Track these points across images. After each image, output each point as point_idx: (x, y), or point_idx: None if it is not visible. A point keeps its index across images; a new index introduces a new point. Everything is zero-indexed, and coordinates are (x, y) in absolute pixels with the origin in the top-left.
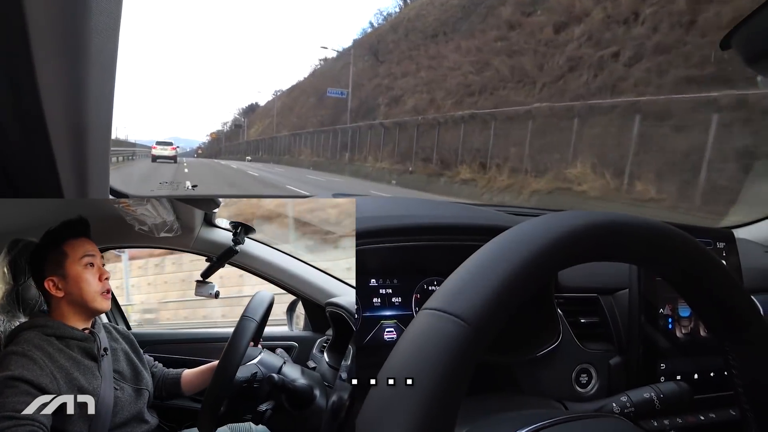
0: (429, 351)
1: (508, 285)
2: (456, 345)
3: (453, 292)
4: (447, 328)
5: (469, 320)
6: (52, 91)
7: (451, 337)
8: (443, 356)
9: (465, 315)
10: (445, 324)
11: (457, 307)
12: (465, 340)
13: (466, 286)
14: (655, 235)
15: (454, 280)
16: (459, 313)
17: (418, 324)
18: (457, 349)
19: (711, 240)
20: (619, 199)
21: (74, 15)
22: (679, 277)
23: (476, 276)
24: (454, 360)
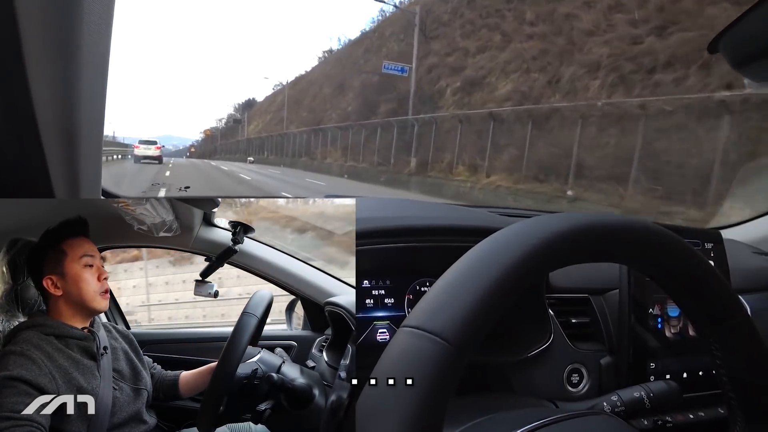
0: (409, 372)
1: (490, 298)
2: (437, 365)
3: (432, 309)
4: (427, 348)
5: (450, 339)
6: (43, 90)
7: (432, 358)
8: (424, 378)
9: (445, 334)
10: (425, 344)
11: (437, 325)
12: (446, 359)
13: (445, 301)
14: (643, 235)
15: (433, 294)
16: (439, 331)
17: (398, 343)
18: (438, 370)
19: (699, 241)
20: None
21: (66, 15)
22: (667, 276)
23: (456, 290)
24: (435, 381)
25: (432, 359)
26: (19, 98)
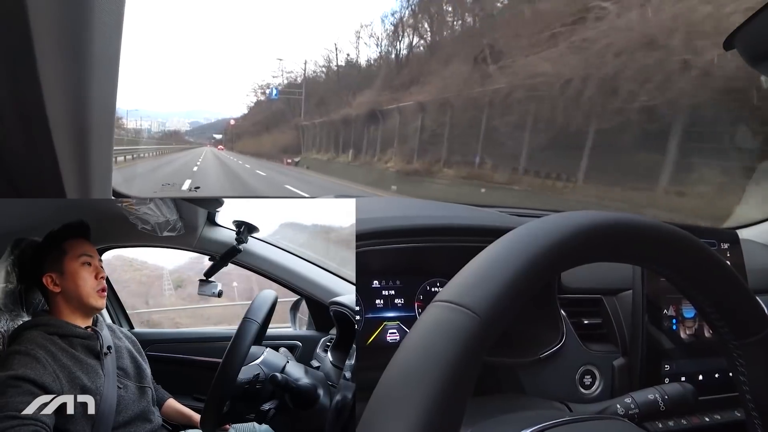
0: (439, 341)
1: (518, 280)
2: (466, 336)
3: (464, 285)
4: (458, 319)
5: (480, 312)
6: (54, 91)
7: (462, 328)
8: (454, 347)
9: (476, 307)
10: (456, 315)
11: (468, 300)
12: (476, 331)
13: (477, 279)
14: (660, 236)
15: (465, 274)
16: (470, 305)
17: (429, 315)
18: (468, 340)
19: (715, 241)
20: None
21: (77, 14)
22: (684, 278)
23: (487, 270)
24: (464, 351)
25: (463, 330)
26: (31, 99)
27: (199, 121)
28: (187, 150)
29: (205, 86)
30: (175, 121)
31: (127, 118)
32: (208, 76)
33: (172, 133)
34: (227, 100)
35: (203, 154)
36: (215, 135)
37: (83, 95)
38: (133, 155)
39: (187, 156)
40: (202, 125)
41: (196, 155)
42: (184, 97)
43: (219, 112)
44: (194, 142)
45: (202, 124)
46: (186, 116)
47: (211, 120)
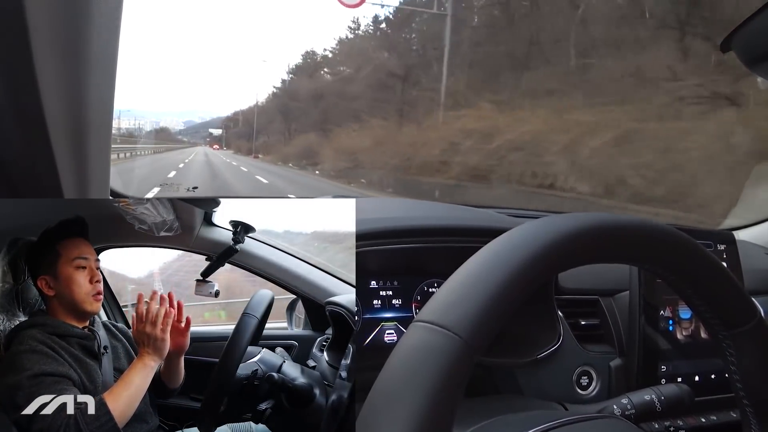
0: (419, 368)
1: (502, 294)
2: (449, 360)
3: (445, 304)
4: (439, 342)
5: (462, 333)
6: (52, 90)
7: (444, 352)
8: (434, 374)
9: (457, 328)
10: (438, 338)
11: (450, 320)
12: (458, 354)
13: (458, 296)
14: (653, 235)
15: (446, 290)
16: (451, 326)
17: (410, 337)
18: (450, 366)
19: (712, 242)
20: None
21: (75, 14)
22: (679, 278)
23: (468, 286)
24: (446, 377)
25: (444, 354)
26: (28, 98)
27: (194, 120)
28: (180, 150)
29: (201, 86)
30: (168, 120)
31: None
32: (206, 77)
33: (164, 130)
34: (223, 99)
35: (193, 153)
36: (211, 130)
37: (81, 95)
38: (119, 154)
39: (179, 155)
40: (196, 124)
41: (186, 155)
42: (179, 97)
43: (213, 111)
44: (187, 141)
45: (196, 123)
46: (180, 116)
47: (206, 119)
